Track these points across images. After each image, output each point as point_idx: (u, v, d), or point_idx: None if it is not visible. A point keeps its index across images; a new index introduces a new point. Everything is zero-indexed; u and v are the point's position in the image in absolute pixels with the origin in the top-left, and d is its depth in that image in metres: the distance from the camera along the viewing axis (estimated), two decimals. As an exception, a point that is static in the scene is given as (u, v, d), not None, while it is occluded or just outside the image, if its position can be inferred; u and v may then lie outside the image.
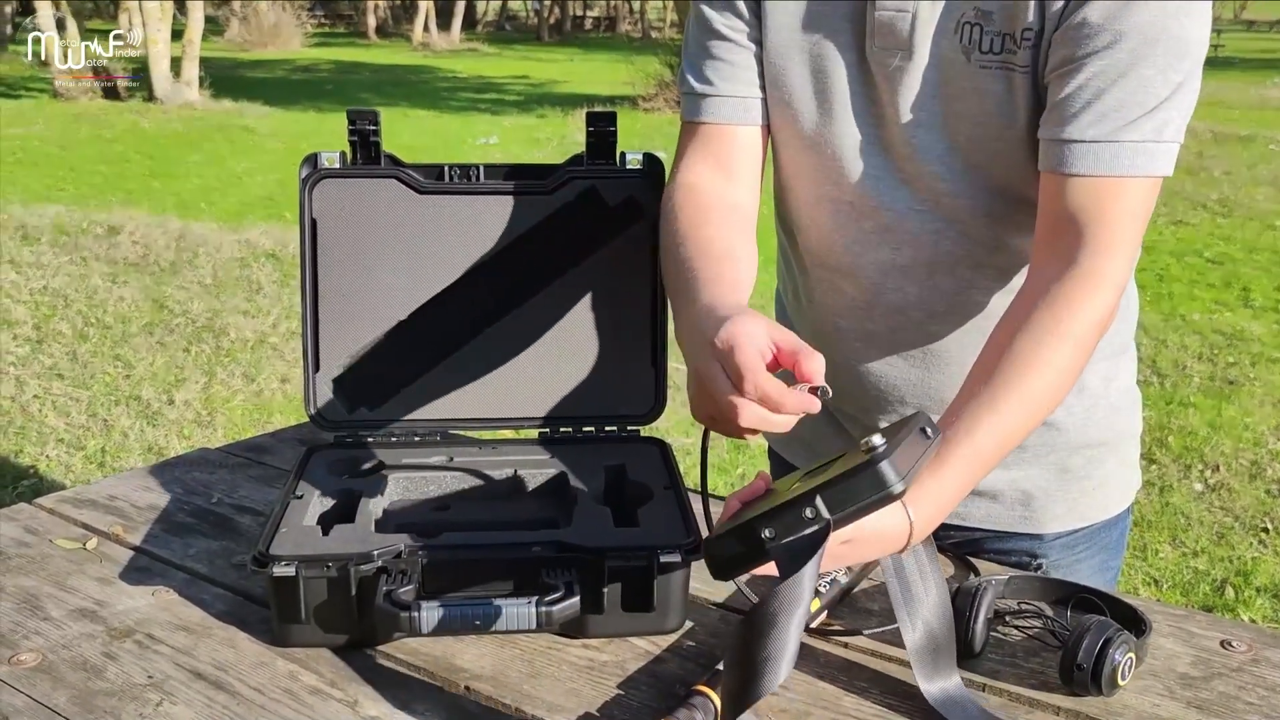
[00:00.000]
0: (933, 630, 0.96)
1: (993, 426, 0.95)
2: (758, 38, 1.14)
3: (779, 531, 0.82)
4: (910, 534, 0.93)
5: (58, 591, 1.14)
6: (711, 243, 1.08)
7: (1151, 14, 0.94)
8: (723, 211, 1.13)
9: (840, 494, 0.81)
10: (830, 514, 0.81)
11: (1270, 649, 1.05)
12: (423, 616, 0.96)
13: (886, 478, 0.80)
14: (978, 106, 1.05)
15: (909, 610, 0.96)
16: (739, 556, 0.85)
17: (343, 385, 1.30)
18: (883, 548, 0.93)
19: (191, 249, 6.40)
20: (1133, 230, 1.00)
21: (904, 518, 0.92)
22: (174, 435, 3.93)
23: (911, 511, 0.92)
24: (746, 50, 1.14)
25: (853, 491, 0.80)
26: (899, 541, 0.93)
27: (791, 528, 0.81)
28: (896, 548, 0.94)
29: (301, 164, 1.28)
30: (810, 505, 0.80)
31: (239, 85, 17.00)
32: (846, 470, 0.82)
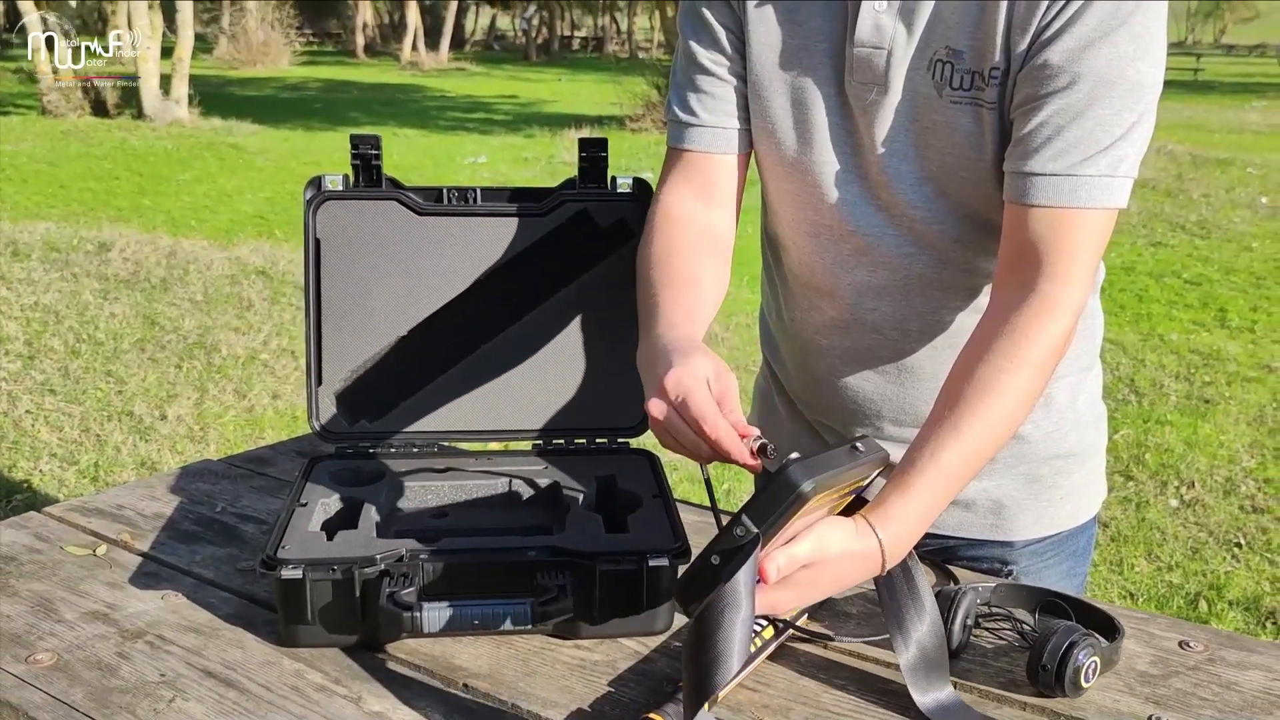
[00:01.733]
0: (925, 648, 1.01)
1: (957, 449, 1.01)
2: (740, 72, 1.21)
3: (722, 556, 0.89)
4: (882, 554, 0.98)
5: (70, 595, 1.19)
6: (676, 271, 1.16)
7: (1108, 58, 1.01)
8: (696, 238, 1.20)
9: (759, 507, 0.88)
10: (757, 527, 0.88)
11: (1226, 649, 1.11)
12: (425, 617, 1.02)
13: (793, 479, 0.87)
14: (948, 139, 1.11)
15: (902, 631, 1.01)
16: (700, 587, 0.92)
17: (344, 398, 1.35)
18: (857, 569, 0.98)
19: (182, 266, 6.43)
20: (1088, 259, 1.06)
21: (872, 538, 0.97)
22: (167, 450, 3.96)
23: (880, 532, 0.97)
24: (729, 84, 1.21)
25: (769, 500, 0.88)
26: (873, 562, 0.98)
27: (730, 550, 0.89)
28: (873, 569, 0.99)
29: (306, 186, 1.33)
30: (739, 524, 0.88)
31: (228, 103, 17.05)
32: (763, 486, 0.90)
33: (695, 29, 1.21)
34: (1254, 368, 5.40)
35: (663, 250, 1.18)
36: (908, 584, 1.03)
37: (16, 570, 1.24)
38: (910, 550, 1.03)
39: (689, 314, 1.11)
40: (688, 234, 1.20)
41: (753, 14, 1.18)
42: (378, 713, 0.99)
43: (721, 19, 1.19)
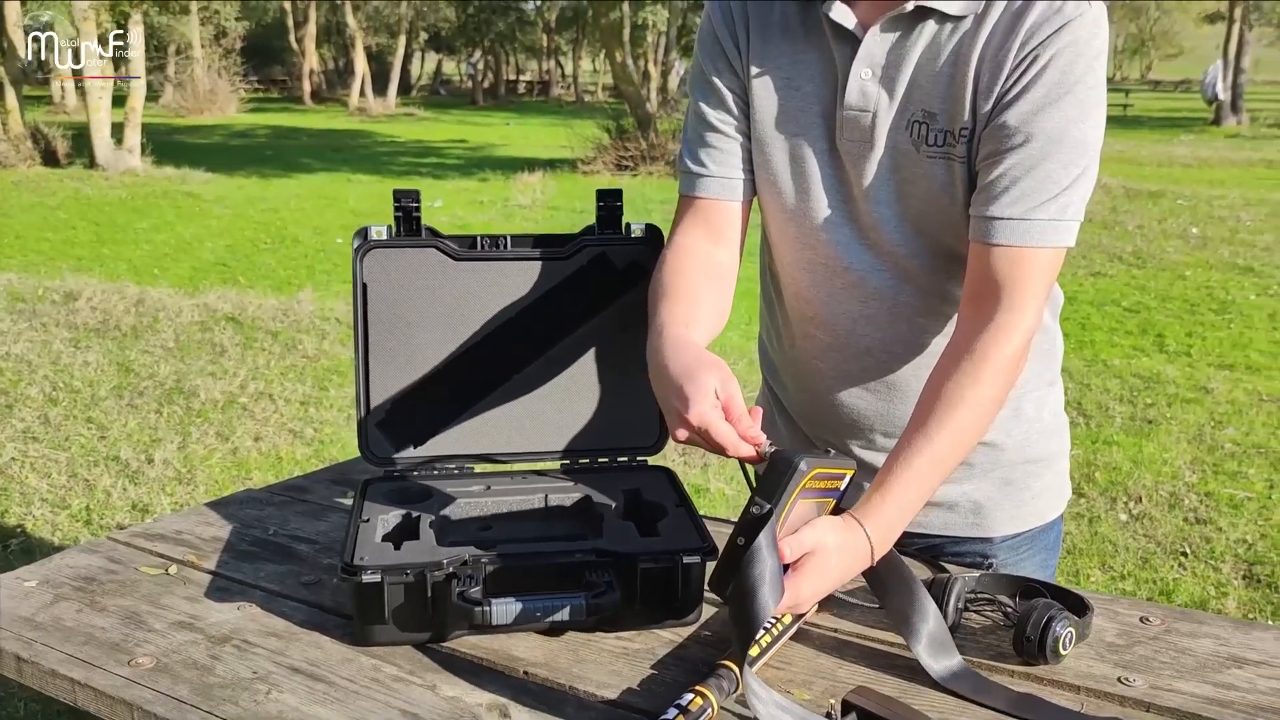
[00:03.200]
0: (931, 632, 1.18)
1: (929, 455, 1.19)
2: (744, 130, 1.38)
3: (744, 533, 1.08)
4: (871, 546, 1.17)
5: (154, 609, 1.30)
6: (678, 288, 1.33)
7: (1056, 121, 1.20)
8: (700, 266, 1.37)
9: (765, 485, 1.08)
10: (768, 501, 1.07)
11: (1179, 622, 1.29)
12: (493, 610, 1.16)
13: (790, 458, 1.08)
14: (926, 187, 1.29)
15: (908, 625, 1.19)
16: (731, 565, 1.10)
17: (390, 427, 1.49)
18: (855, 561, 1.17)
19: (151, 314, 6.49)
20: (1039, 290, 1.24)
21: (861, 533, 1.16)
22: (158, 492, 4.04)
23: (866, 526, 1.17)
24: (735, 140, 1.38)
25: (773, 478, 1.08)
26: (863, 552, 1.17)
27: (751, 526, 1.07)
28: (865, 559, 1.17)
29: (354, 236, 1.48)
30: (754, 504, 1.08)
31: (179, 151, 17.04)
32: (765, 470, 1.10)
33: (705, 93, 1.39)
34: (1192, 389, 5.66)
35: (669, 274, 1.35)
36: (900, 583, 1.22)
37: (100, 589, 1.36)
38: (893, 549, 1.21)
39: (686, 320, 1.27)
40: (693, 263, 1.36)
41: (755, 81, 1.35)
42: (453, 697, 1.12)
43: (728, 84, 1.37)
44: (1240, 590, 3.46)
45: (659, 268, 1.38)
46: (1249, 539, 3.85)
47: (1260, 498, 4.24)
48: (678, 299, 1.31)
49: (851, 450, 1.47)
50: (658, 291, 1.33)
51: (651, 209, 11.24)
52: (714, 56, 1.38)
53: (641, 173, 15.57)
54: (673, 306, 1.29)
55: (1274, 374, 6.00)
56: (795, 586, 1.11)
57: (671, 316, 1.27)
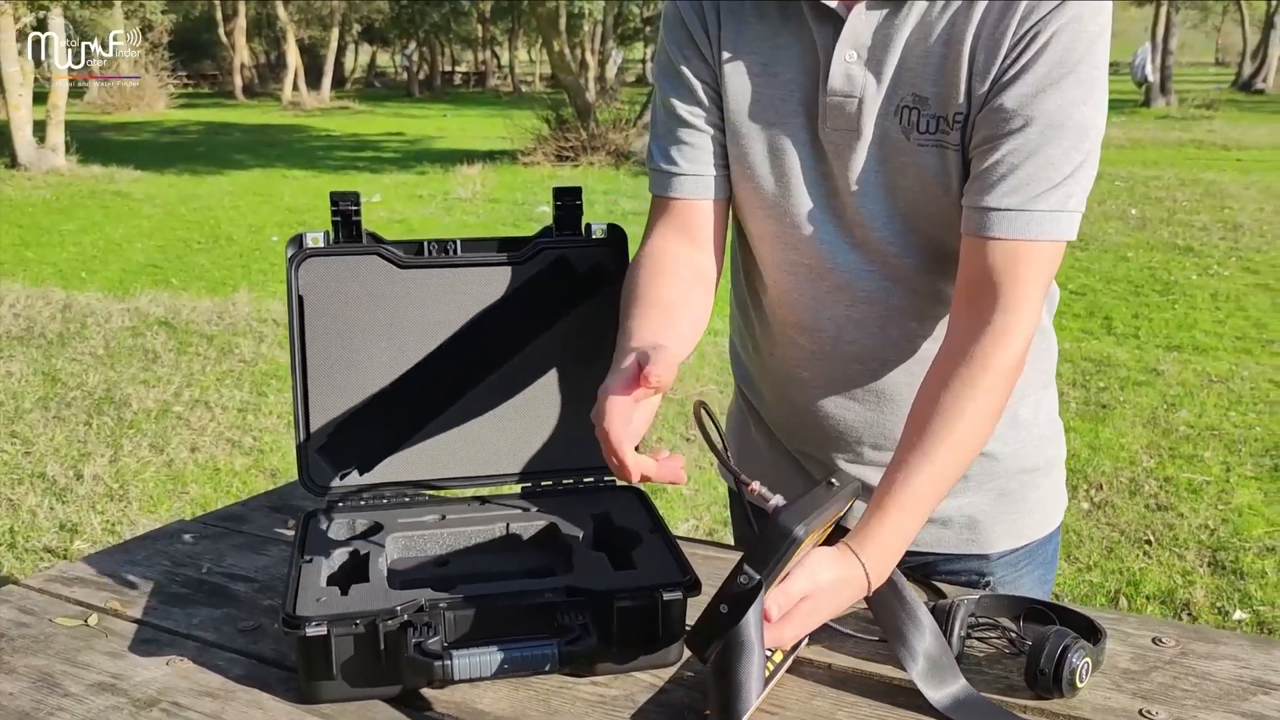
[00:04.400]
0: (930, 654, 1.08)
1: (928, 474, 1.09)
2: (717, 122, 1.27)
3: (730, 603, 0.96)
4: (868, 577, 1.06)
5: (71, 668, 1.17)
6: (651, 296, 1.21)
7: (1058, 103, 1.10)
8: (678, 270, 1.26)
9: (759, 553, 0.96)
10: (758, 573, 0.95)
11: (1194, 642, 1.20)
12: (455, 665, 1.04)
13: (787, 526, 0.95)
14: (917, 179, 1.19)
15: (906, 645, 1.08)
16: (712, 633, 0.99)
17: (332, 451, 1.36)
18: (847, 594, 1.06)
19: (79, 320, 6.24)
20: (1039, 288, 1.15)
21: (856, 564, 1.05)
22: (88, 510, 3.84)
23: (862, 557, 1.05)
24: (706, 134, 1.27)
25: (767, 548, 0.95)
26: (859, 585, 1.06)
27: (736, 596, 0.96)
28: (861, 591, 1.06)
29: (288, 244, 1.35)
30: (742, 573, 0.96)
31: (106, 149, 16.59)
32: (758, 534, 0.97)
33: (673, 84, 1.27)
34: (1142, 371, 5.68)
35: (642, 280, 1.24)
36: (899, 601, 1.10)
37: (9, 646, 1.21)
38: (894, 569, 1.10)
39: (654, 332, 1.15)
40: (667, 267, 1.25)
41: (727, 68, 1.24)
42: (412, 763, 1.01)
43: (697, 73, 1.25)
44: (1207, 578, 3.44)
45: (630, 273, 1.26)
46: (1211, 524, 3.84)
47: (1218, 481, 4.23)
48: (651, 306, 1.19)
49: (836, 463, 1.36)
50: (628, 299, 1.22)
51: (594, 199, 11.12)
52: (681, 44, 1.26)
53: (583, 163, 15.43)
54: (643, 315, 1.18)
55: (1220, 354, 6.04)
56: (778, 631, 1.01)
57: (640, 327, 1.16)
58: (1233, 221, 10.12)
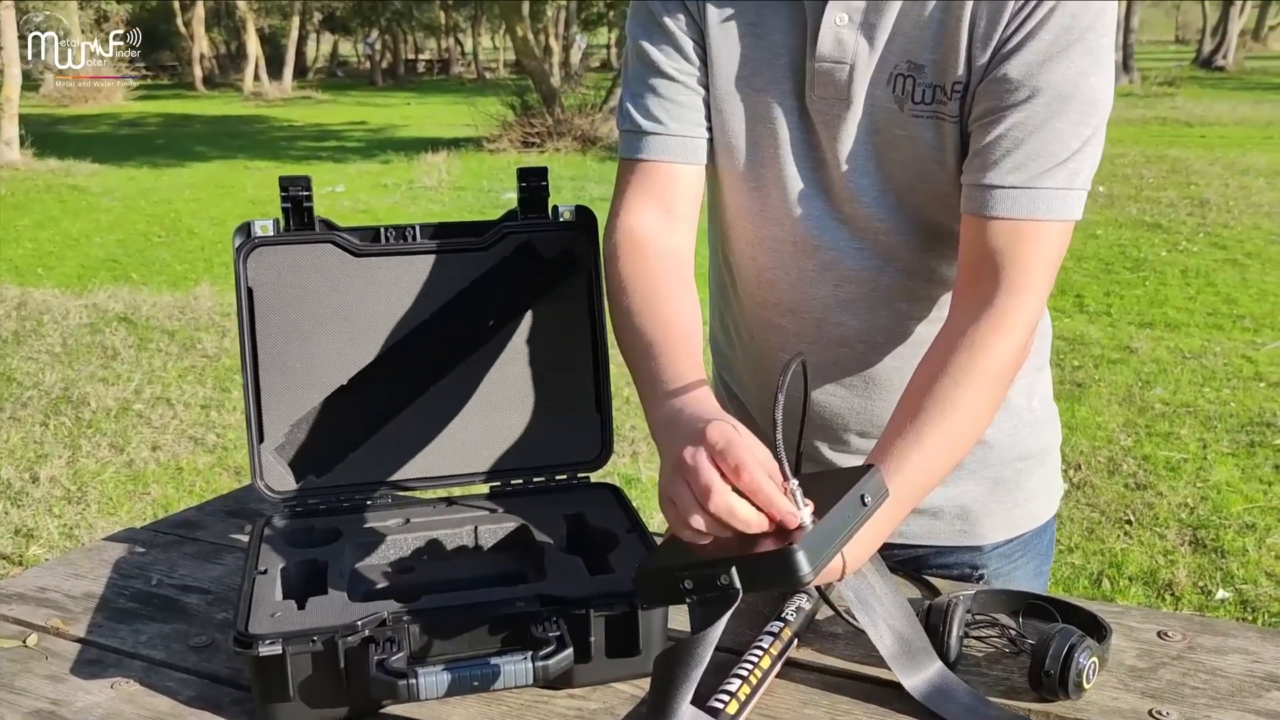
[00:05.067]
0: (900, 633, 1.02)
1: (920, 464, 1.02)
2: (704, 81, 1.18)
3: (696, 587, 0.84)
4: (843, 568, 0.98)
5: (7, 695, 1.08)
6: (671, 322, 1.08)
7: (1065, 73, 1.03)
8: (669, 268, 1.15)
9: (753, 571, 0.82)
10: (740, 586, 0.82)
11: (1201, 635, 1.14)
12: (421, 684, 0.96)
13: (798, 566, 0.80)
14: (910, 152, 1.11)
15: (874, 623, 1.02)
16: (663, 595, 0.90)
17: (289, 453, 1.28)
18: (820, 579, 0.97)
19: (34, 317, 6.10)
20: (1045, 271, 1.07)
21: (836, 563, 0.96)
22: (44, 514, 3.72)
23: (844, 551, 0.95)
24: (695, 93, 1.18)
25: (765, 572, 0.82)
26: (833, 575, 0.98)
27: (706, 588, 0.84)
28: (833, 579, 0.99)
29: (234, 233, 1.26)
30: (725, 573, 0.82)
31: (62, 142, 16.29)
32: (765, 552, 0.83)
33: (656, 37, 1.18)
34: (1116, 349, 5.66)
35: (641, 289, 1.12)
36: (866, 577, 1.04)
37: (-60, 672, 1.13)
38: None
39: (703, 388, 1.01)
40: (660, 266, 1.15)
41: (714, 28, 1.16)
42: (376, 789, 0.94)
43: (684, 28, 1.17)
44: (1189, 557, 3.41)
45: (617, 267, 1.15)
46: (1190, 502, 3.81)
47: (1195, 458, 4.21)
48: (677, 339, 1.05)
49: (820, 454, 1.29)
50: (639, 322, 1.09)
51: (561, 185, 11.02)
52: None
53: (549, 149, 15.31)
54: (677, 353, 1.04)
55: (1192, 331, 6.04)
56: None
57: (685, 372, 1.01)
58: (1199, 198, 10.16)
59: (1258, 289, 6.90)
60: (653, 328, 1.08)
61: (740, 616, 1.15)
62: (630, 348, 1.09)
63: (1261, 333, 5.96)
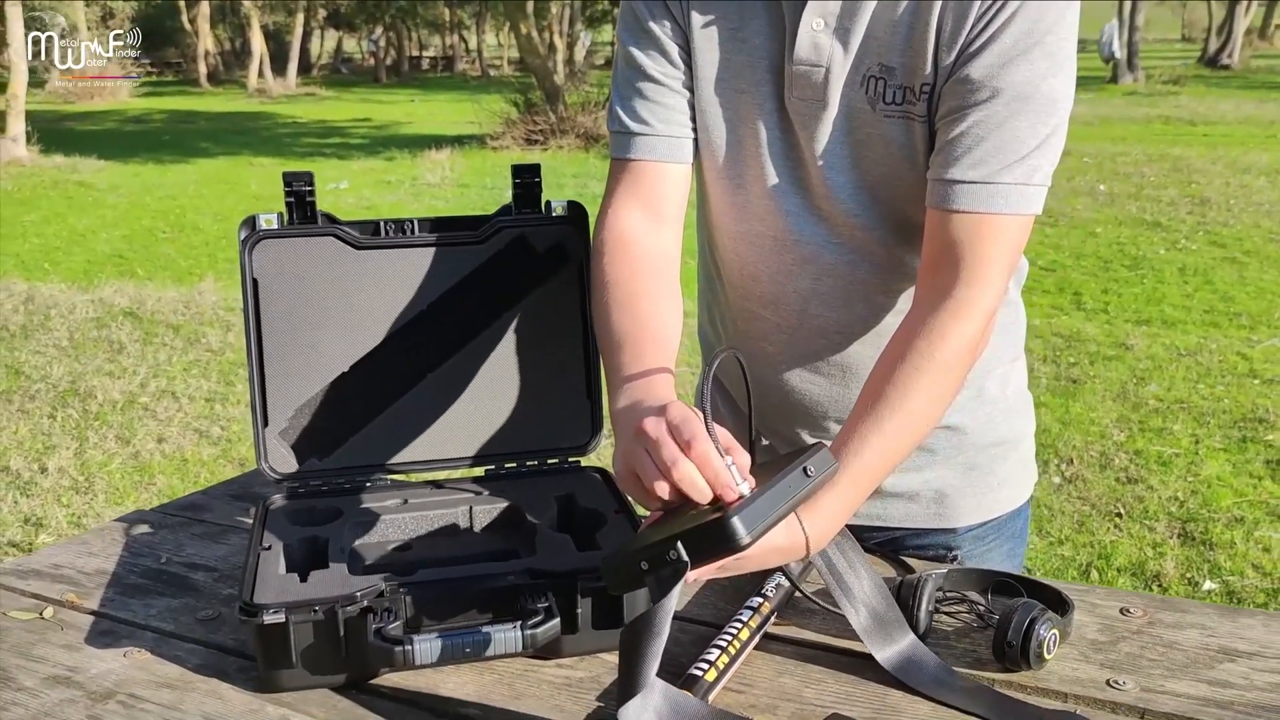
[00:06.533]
0: (873, 607, 1.08)
1: (879, 446, 1.07)
2: (689, 84, 1.24)
3: (651, 567, 0.91)
4: (807, 545, 1.03)
5: (25, 662, 1.14)
6: (642, 318, 1.15)
7: (1026, 74, 1.08)
8: (653, 270, 1.21)
9: (697, 542, 0.89)
10: (688, 558, 0.89)
11: (1161, 612, 1.20)
12: (416, 650, 1.02)
13: (735, 533, 0.87)
14: (883, 150, 1.17)
15: (848, 598, 1.08)
16: (626, 580, 0.95)
17: (292, 436, 1.34)
18: (781, 557, 1.03)
19: (42, 311, 6.16)
20: (1003, 263, 1.13)
21: (798, 531, 1.02)
22: (52, 504, 3.78)
23: (806, 525, 1.02)
24: (680, 95, 1.24)
25: (707, 542, 0.89)
26: (796, 552, 1.03)
27: (659, 565, 0.90)
28: (797, 557, 1.04)
29: (240, 226, 1.32)
30: (673, 548, 0.89)
31: (68, 139, 16.35)
32: (704, 523, 0.89)
33: (642, 42, 1.24)
34: (1112, 346, 5.71)
35: (623, 288, 1.18)
36: (842, 554, 1.10)
37: (-40, 642, 1.19)
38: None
39: (665, 377, 1.09)
40: (644, 266, 1.21)
41: (698, 32, 1.22)
42: (374, 750, 0.99)
43: (669, 33, 1.23)
44: (1177, 549, 3.46)
45: (602, 266, 1.21)
46: (1180, 496, 3.86)
47: (1187, 453, 4.26)
48: (646, 340, 1.12)
49: (800, 440, 1.35)
50: (616, 319, 1.15)
51: (564, 183, 11.07)
52: (651, 2, 1.24)
53: (552, 147, 15.35)
54: (644, 351, 1.11)
55: (1188, 328, 6.08)
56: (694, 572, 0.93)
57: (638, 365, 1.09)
58: (1200, 196, 10.19)
59: (1255, 287, 6.94)
60: (628, 325, 1.14)
61: (723, 592, 1.23)
62: (605, 341, 1.16)
63: (1257, 330, 6.00)
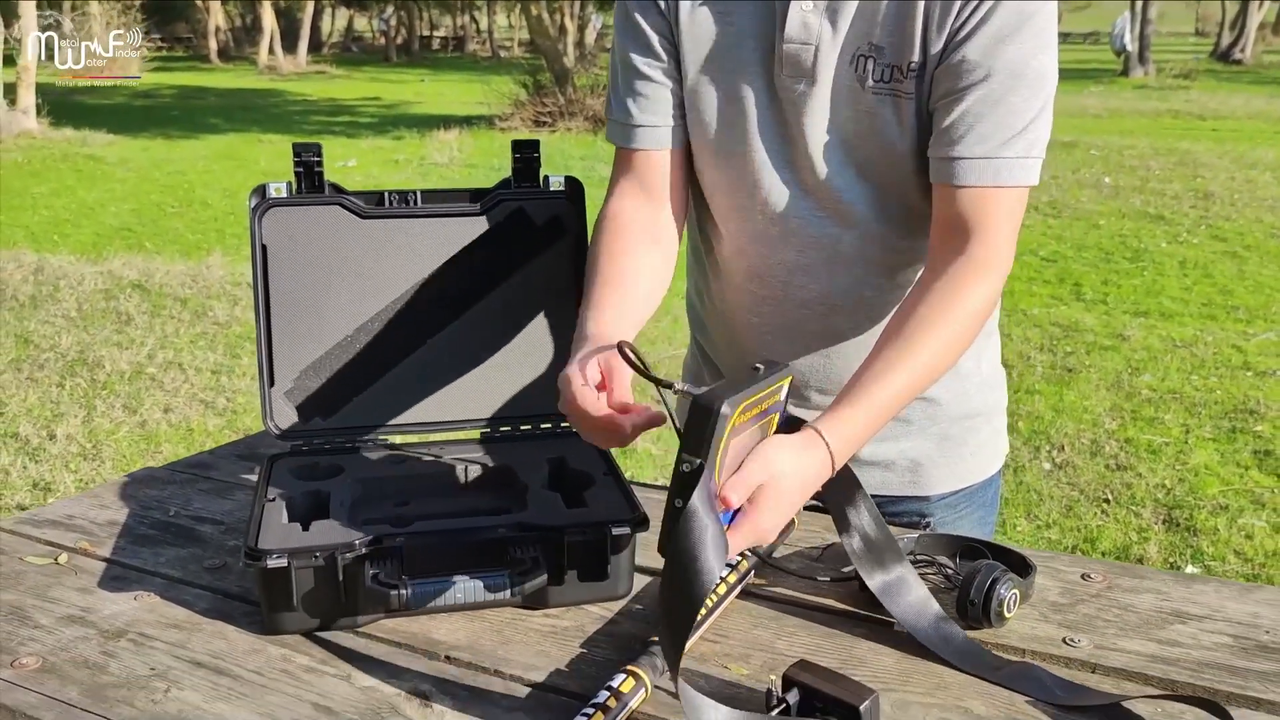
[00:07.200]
0: (867, 534, 1.14)
1: (905, 372, 1.13)
2: (673, 73, 1.30)
3: (681, 495, 0.95)
4: (831, 458, 1.08)
5: (42, 603, 1.20)
6: (615, 268, 1.25)
7: (1017, 53, 1.15)
8: (639, 235, 1.29)
9: (690, 440, 0.95)
10: (696, 457, 0.95)
11: (1120, 578, 1.26)
12: (409, 594, 1.08)
13: (709, 403, 0.94)
14: (870, 127, 1.23)
15: (845, 522, 1.15)
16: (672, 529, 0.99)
17: (297, 398, 1.40)
18: (815, 475, 1.07)
19: (51, 282, 6.22)
20: (1010, 231, 1.19)
21: (820, 445, 1.07)
22: (60, 469, 3.86)
23: (828, 437, 1.07)
24: (664, 85, 1.31)
25: (695, 430, 0.95)
26: (824, 466, 1.07)
27: (686, 486, 0.95)
28: (825, 473, 1.08)
29: (251, 194, 1.38)
30: (683, 461, 0.95)
31: (78, 112, 16.38)
32: (686, 423, 0.96)
33: (629, 36, 1.31)
34: (1109, 337, 5.75)
35: (606, 247, 1.28)
36: (844, 484, 1.15)
37: (-20, 582, 1.25)
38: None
39: (618, 309, 1.20)
40: (630, 232, 1.29)
41: (685, 16, 1.27)
42: (369, 687, 1.04)
43: (653, 24, 1.29)
44: (1161, 535, 3.52)
45: (595, 238, 1.31)
46: (1168, 484, 3.92)
47: (1177, 443, 4.31)
48: (613, 283, 1.24)
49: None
50: (590, 269, 1.27)
51: (571, 165, 11.11)
52: None
53: (560, 128, 15.38)
54: (607, 294, 1.22)
55: (1186, 320, 6.12)
56: (753, 524, 1.00)
57: (602, 305, 1.20)
58: (1204, 190, 10.21)
59: (1254, 281, 6.98)
60: (598, 274, 1.25)
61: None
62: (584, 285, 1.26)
63: (1254, 324, 6.04)
